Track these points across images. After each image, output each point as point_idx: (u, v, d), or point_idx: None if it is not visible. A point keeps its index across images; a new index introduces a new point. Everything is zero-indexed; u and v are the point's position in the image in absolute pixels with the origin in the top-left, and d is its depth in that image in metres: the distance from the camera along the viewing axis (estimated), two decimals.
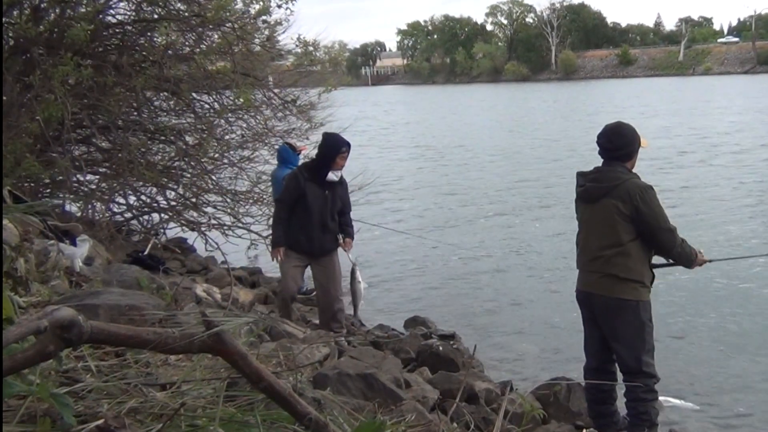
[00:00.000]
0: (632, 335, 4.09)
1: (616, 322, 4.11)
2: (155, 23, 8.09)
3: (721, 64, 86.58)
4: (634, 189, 4.00)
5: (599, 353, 4.29)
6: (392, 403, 3.28)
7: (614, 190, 4.02)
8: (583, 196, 4.22)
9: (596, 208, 4.11)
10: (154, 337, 1.61)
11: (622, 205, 3.99)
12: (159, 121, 9.00)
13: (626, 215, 4.00)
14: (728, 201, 13.06)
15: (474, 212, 13.24)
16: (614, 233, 4.03)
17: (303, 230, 5.76)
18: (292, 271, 5.87)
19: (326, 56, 10.28)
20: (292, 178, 5.85)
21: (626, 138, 4.16)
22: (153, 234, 9.04)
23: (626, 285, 4.05)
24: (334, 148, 5.77)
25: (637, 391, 4.08)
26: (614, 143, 4.15)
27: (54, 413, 1.61)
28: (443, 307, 7.86)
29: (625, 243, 4.03)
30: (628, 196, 3.99)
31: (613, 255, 4.04)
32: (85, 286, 4.07)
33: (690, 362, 6.08)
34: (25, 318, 2.08)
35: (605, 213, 4.05)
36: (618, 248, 4.03)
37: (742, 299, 7.61)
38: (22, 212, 3.47)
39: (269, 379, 1.71)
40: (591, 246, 4.16)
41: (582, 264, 4.28)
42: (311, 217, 5.74)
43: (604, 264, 4.08)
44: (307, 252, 5.84)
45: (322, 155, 5.81)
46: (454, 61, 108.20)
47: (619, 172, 4.10)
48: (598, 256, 4.10)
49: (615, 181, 4.05)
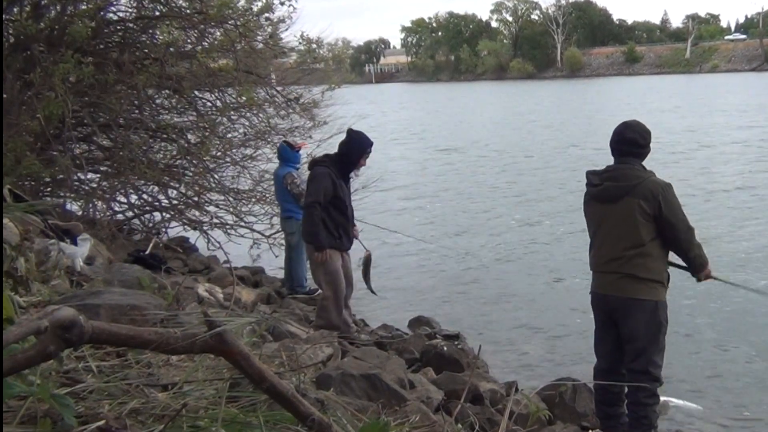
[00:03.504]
0: (648, 336, 4.04)
1: (634, 322, 4.04)
2: (157, 20, 8.07)
3: (729, 61, 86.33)
4: (656, 187, 3.94)
5: (611, 355, 4.23)
6: (396, 404, 3.26)
7: (635, 189, 3.94)
8: (601, 196, 4.10)
9: (616, 207, 4.01)
10: (155, 337, 1.59)
11: (645, 204, 3.91)
12: (161, 119, 8.98)
13: (648, 214, 3.92)
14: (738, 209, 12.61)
15: (479, 212, 13.21)
16: (635, 233, 3.95)
17: (342, 228, 5.81)
18: (341, 272, 5.89)
19: (329, 54, 10.25)
20: (325, 177, 5.69)
21: (644, 135, 4.11)
22: (154, 233, 9.02)
23: (646, 285, 4.00)
24: (361, 147, 5.81)
25: (639, 395, 4.04)
26: (646, 140, 4.09)
27: (55, 414, 1.60)
28: (448, 307, 7.84)
29: (646, 243, 3.96)
30: (651, 194, 3.92)
31: (634, 255, 3.97)
32: (86, 286, 4.04)
33: (694, 362, 6.05)
34: (25, 318, 2.07)
35: (626, 212, 3.96)
36: (639, 248, 3.96)
37: (748, 300, 7.57)
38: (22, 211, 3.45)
39: (272, 380, 1.70)
40: (609, 247, 4.07)
41: (598, 265, 4.19)
42: (346, 215, 5.81)
43: (624, 264, 4.00)
44: (346, 249, 5.94)
45: (349, 153, 5.82)
46: (458, 59, 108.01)
47: (637, 169, 4.04)
48: (618, 257, 4.01)
49: (635, 179, 3.98)
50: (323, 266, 5.80)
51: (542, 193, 14.66)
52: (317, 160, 6.03)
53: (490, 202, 14.04)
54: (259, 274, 8.64)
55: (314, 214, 5.63)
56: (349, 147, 5.83)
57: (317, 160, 6.03)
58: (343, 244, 5.88)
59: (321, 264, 5.78)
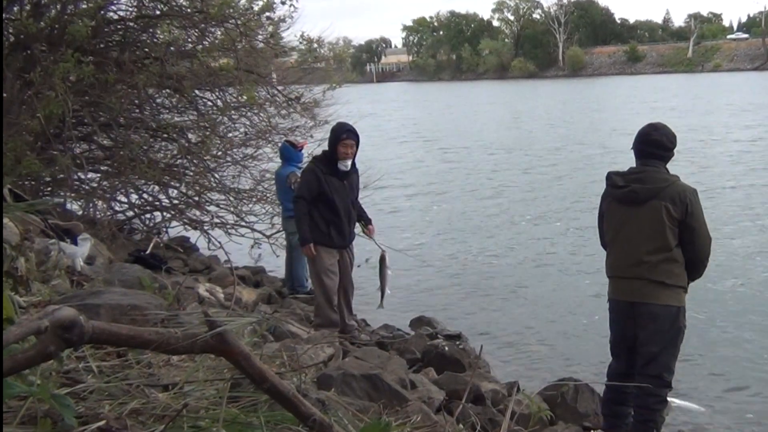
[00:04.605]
0: (667, 341, 3.97)
1: (656, 327, 3.95)
2: (157, 19, 8.06)
3: (731, 60, 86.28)
4: (684, 192, 3.89)
5: (627, 356, 4.13)
6: (397, 404, 3.25)
7: (663, 192, 3.87)
8: (627, 198, 3.99)
9: (642, 210, 3.92)
10: (156, 337, 1.59)
11: (673, 208, 3.84)
12: (161, 119, 8.97)
13: (675, 219, 3.85)
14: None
15: (480, 212, 13.20)
16: (662, 237, 3.88)
17: (333, 225, 5.77)
18: (332, 269, 5.86)
19: (330, 53, 10.22)
20: (309, 172, 5.78)
21: (671, 138, 4.04)
22: (155, 233, 9.01)
23: (672, 291, 3.93)
24: (335, 136, 5.76)
25: (650, 400, 3.98)
26: (673, 143, 4.04)
27: (55, 414, 1.60)
28: (449, 306, 7.82)
29: (673, 248, 3.89)
30: (678, 198, 3.86)
31: (661, 261, 3.89)
32: (86, 286, 4.04)
33: (698, 363, 6.03)
34: (25, 318, 2.06)
35: (653, 216, 3.88)
36: (666, 253, 3.89)
37: (754, 301, 7.57)
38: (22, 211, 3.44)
39: (273, 380, 1.69)
40: (633, 251, 3.96)
41: (620, 270, 4.07)
42: (337, 211, 5.75)
43: (650, 270, 3.90)
44: (340, 246, 5.87)
45: (329, 145, 5.83)
46: (460, 58, 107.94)
47: (664, 173, 3.97)
48: (643, 262, 3.92)
49: (663, 182, 3.91)
50: (311, 262, 5.85)
51: (546, 193, 14.63)
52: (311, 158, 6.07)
53: (492, 202, 14.02)
54: (260, 273, 8.64)
55: (298, 209, 5.75)
56: (330, 138, 5.84)
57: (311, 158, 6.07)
58: (334, 241, 5.80)
59: (310, 260, 5.82)
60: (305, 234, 5.71)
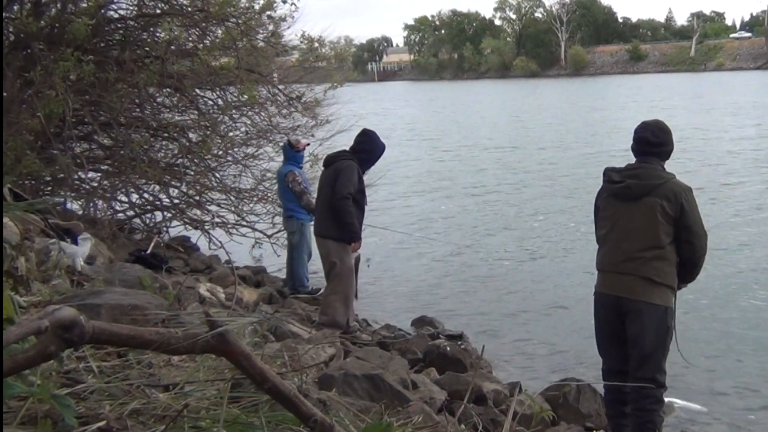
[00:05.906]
0: (656, 341, 3.97)
1: (643, 327, 3.95)
2: (158, 18, 8.06)
3: (734, 59, 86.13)
4: (679, 189, 3.90)
5: (617, 354, 4.13)
6: (399, 405, 3.24)
7: (658, 189, 3.89)
8: (622, 194, 4.01)
9: (636, 206, 3.94)
10: (156, 337, 1.59)
11: (667, 205, 3.86)
12: (162, 118, 8.97)
13: (669, 216, 3.87)
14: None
15: (481, 211, 13.19)
16: (655, 234, 3.89)
17: (360, 223, 5.93)
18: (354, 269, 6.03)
19: (332, 52, 10.20)
20: (354, 170, 5.82)
21: (657, 133, 4.06)
22: (156, 232, 9.01)
23: (659, 289, 3.93)
24: (383, 148, 6.01)
25: (645, 402, 3.97)
26: (660, 139, 4.04)
27: (55, 415, 1.60)
28: (451, 306, 7.80)
29: (665, 246, 3.90)
30: (674, 195, 3.87)
31: (652, 258, 3.90)
32: (86, 286, 4.03)
33: (699, 363, 6.01)
34: (25, 318, 2.06)
35: (647, 212, 3.90)
36: (658, 250, 3.90)
37: (754, 300, 7.55)
38: (22, 210, 3.44)
39: (274, 380, 1.69)
40: (625, 246, 3.98)
41: (610, 265, 4.08)
42: (363, 209, 5.94)
43: (641, 266, 3.91)
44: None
45: (373, 151, 5.97)
46: (461, 57, 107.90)
47: (660, 170, 3.99)
48: (635, 258, 3.93)
49: (658, 179, 3.93)
50: (341, 261, 5.84)
51: (547, 193, 14.62)
52: (337, 155, 6.03)
53: (493, 202, 14.01)
54: (261, 273, 8.62)
55: (348, 206, 5.71)
56: (373, 146, 5.96)
57: (337, 155, 6.03)
58: (360, 239, 6.01)
59: (339, 258, 5.82)
60: (357, 230, 5.84)
